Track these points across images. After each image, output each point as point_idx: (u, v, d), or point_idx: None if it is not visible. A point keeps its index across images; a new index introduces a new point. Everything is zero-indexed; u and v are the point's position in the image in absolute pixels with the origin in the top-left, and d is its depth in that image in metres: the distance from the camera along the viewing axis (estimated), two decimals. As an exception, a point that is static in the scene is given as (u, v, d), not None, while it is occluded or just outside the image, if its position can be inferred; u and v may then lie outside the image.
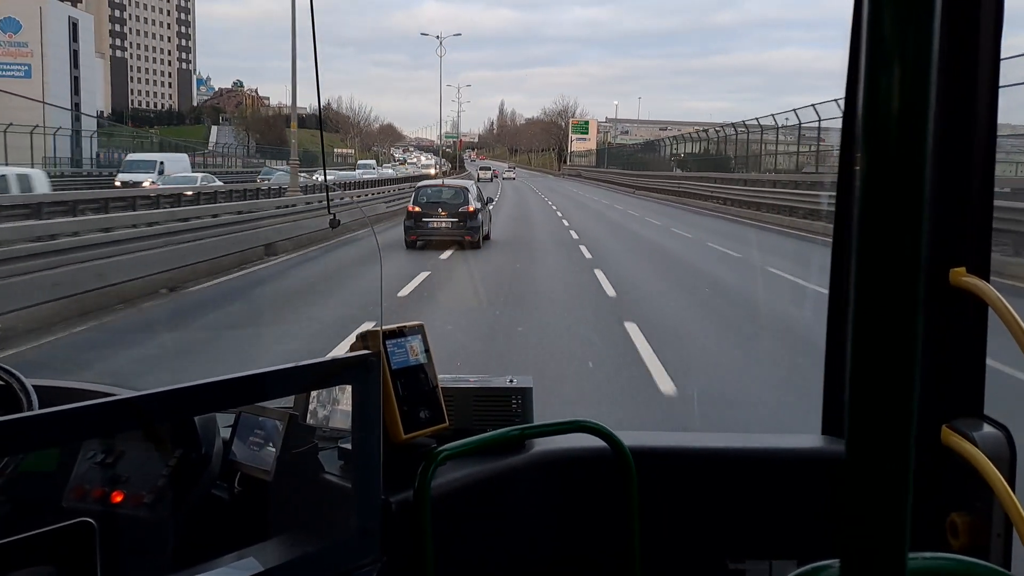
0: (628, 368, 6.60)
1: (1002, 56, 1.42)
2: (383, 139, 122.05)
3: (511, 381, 1.75)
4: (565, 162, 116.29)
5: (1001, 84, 1.42)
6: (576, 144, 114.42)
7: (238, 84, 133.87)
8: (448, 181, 21.11)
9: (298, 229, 15.74)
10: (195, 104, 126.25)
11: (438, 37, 71.53)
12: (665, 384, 6.09)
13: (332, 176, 36.72)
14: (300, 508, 1.46)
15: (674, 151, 51.69)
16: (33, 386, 1.50)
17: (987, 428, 1.42)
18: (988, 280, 1.40)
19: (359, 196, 24.19)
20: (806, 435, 1.81)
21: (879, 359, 0.43)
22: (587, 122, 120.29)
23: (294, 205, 18.32)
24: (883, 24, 0.40)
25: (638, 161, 63.05)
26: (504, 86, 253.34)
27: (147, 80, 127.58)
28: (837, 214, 1.67)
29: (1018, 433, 1.41)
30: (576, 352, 7.32)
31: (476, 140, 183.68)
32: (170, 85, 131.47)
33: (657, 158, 56.02)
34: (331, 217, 1.56)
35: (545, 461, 1.72)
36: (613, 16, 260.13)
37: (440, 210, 15.88)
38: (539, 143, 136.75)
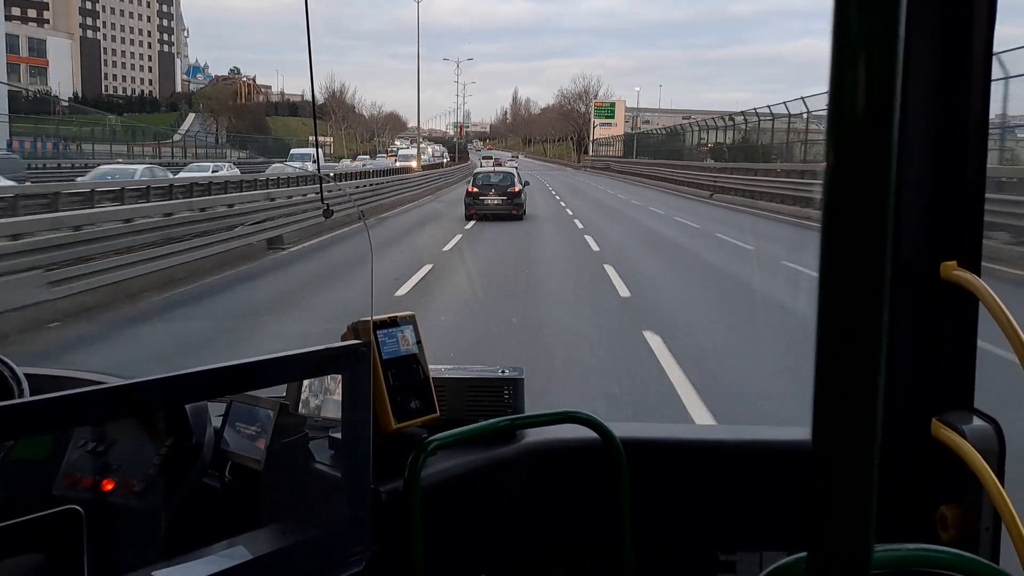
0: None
1: (995, 51, 1.58)
2: (384, 128, 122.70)
3: (503, 372, 1.93)
4: (586, 152, 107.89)
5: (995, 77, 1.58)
6: (600, 130, 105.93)
7: (235, 71, 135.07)
8: (497, 168, 28.96)
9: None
10: (177, 90, 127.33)
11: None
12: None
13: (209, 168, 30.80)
14: (291, 497, 1.62)
15: (701, 139, 50.09)
16: (24, 374, 1.67)
17: (977, 421, 1.57)
18: (979, 274, 1.56)
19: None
20: (797, 427, 1.98)
21: (844, 358, 0.46)
22: (613, 104, 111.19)
23: None
24: (849, 13, 0.44)
25: (675, 150, 55.70)
26: (519, 78, 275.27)
27: (123, 64, 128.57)
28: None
29: (1008, 427, 1.57)
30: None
31: (487, 130, 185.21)
32: (150, 69, 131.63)
33: (709, 149, 48.55)
34: (324, 207, 1.75)
35: (536, 451, 1.90)
36: (630, 6, 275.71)
37: (492, 191, 22.88)
38: (555, 132, 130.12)
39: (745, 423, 8.22)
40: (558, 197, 35.42)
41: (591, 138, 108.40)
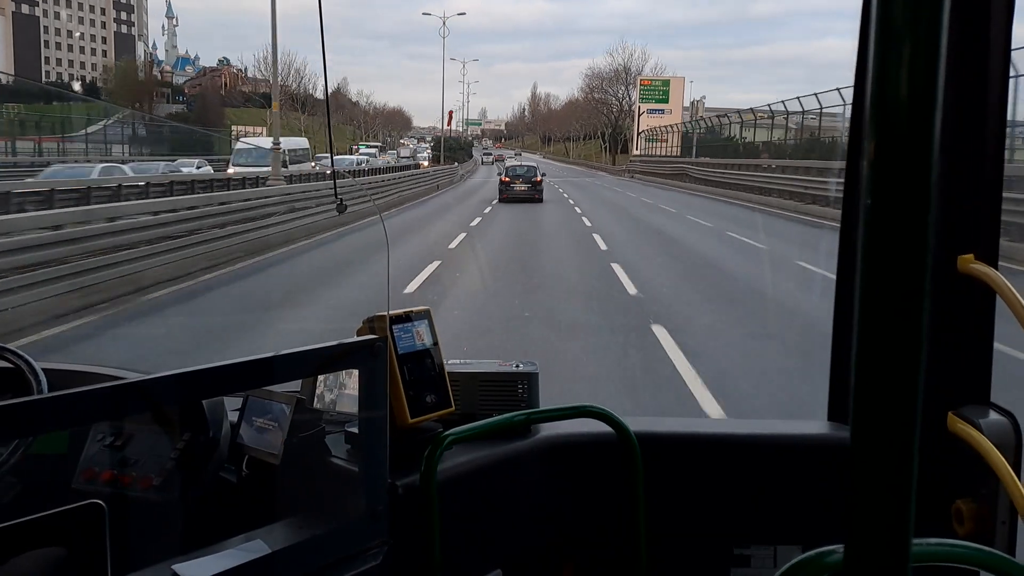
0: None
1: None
2: (375, 123, 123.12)
3: (517, 366, 2.28)
4: (623, 150, 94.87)
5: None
6: (647, 120, 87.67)
7: (223, 61, 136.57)
8: (524, 161, 45.84)
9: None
10: (140, 78, 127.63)
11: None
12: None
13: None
14: (307, 491, 1.93)
15: (740, 137, 49.83)
16: (43, 369, 1.99)
17: (993, 415, 1.88)
18: (996, 267, 1.85)
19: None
20: (812, 421, 2.32)
21: (885, 346, 0.54)
22: (666, 83, 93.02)
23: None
24: (893, 5, 0.51)
25: (750, 147, 48.14)
26: (538, 78, 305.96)
27: (69, 46, 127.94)
28: (845, 201, 2.18)
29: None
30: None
31: (503, 127, 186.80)
32: (104, 53, 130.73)
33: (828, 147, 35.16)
34: (338, 202, 2.12)
35: (551, 446, 2.24)
36: (650, 6, 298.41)
37: (520, 180, 36.29)
38: (581, 127, 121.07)
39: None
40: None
41: (636, 130, 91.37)
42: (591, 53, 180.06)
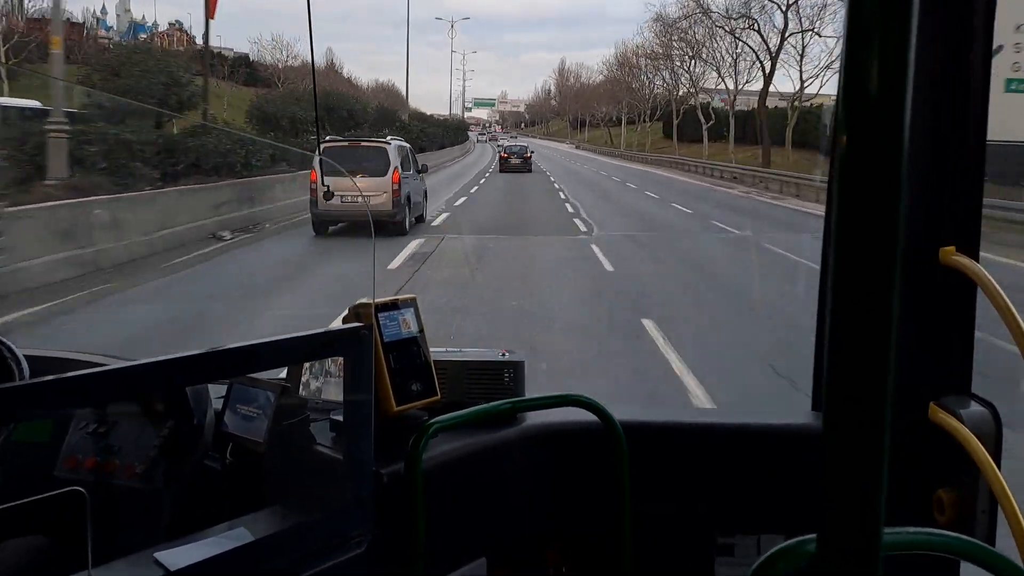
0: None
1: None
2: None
3: (503, 355, 2.44)
4: (752, 138, 55.81)
5: None
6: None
7: (176, 24, 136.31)
8: (518, 142, 79.37)
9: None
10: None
11: None
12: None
13: None
14: (292, 479, 2.06)
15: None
16: (24, 355, 2.09)
17: (974, 406, 2.04)
18: (977, 259, 2.01)
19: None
20: (795, 411, 2.50)
21: (856, 338, 0.60)
22: None
23: None
24: (863, 2, 0.56)
25: None
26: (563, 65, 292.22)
27: None
28: (829, 193, 2.44)
29: (1004, 411, 2.03)
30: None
31: (523, 111, 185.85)
32: None
33: None
34: (325, 189, 2.42)
35: (536, 434, 2.41)
36: None
37: (514, 155, 58.37)
38: (639, 100, 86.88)
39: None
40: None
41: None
42: (617, 42, 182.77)
